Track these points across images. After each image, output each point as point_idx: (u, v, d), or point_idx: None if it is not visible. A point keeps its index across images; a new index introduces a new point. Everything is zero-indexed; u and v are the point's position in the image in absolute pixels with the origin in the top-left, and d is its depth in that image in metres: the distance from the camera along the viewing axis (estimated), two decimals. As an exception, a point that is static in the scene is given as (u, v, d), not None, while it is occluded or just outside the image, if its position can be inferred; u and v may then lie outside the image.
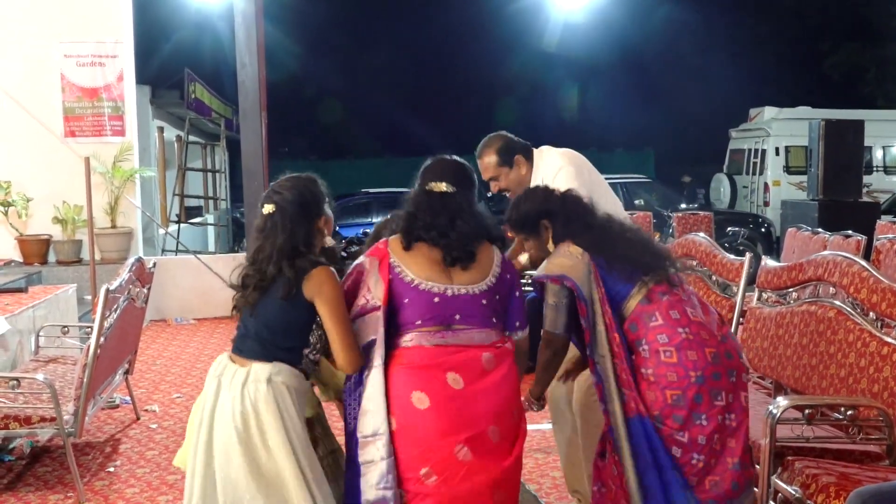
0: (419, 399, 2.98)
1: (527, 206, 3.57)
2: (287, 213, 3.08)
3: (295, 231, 3.07)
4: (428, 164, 3.36)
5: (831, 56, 27.27)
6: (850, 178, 11.60)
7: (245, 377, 3.01)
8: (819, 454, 3.72)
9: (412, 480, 2.97)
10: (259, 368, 3.02)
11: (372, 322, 3.06)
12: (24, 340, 6.07)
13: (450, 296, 3.08)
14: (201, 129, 17.95)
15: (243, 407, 2.98)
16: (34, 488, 4.83)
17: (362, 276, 3.13)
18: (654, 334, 3.27)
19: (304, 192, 3.16)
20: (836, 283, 4.33)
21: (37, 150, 9.52)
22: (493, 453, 3.01)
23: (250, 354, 3.06)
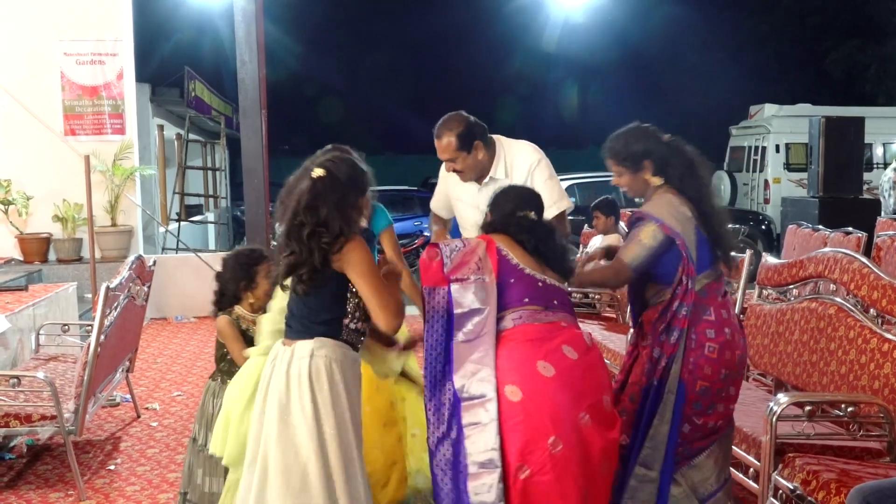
0: (545, 367, 3.08)
1: (634, 146, 3.64)
2: (338, 180, 3.07)
3: (343, 199, 3.05)
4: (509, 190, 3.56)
5: (832, 53, 27.23)
6: (850, 175, 11.60)
7: (290, 356, 3.05)
8: (820, 451, 3.72)
9: (539, 451, 3.01)
10: (301, 346, 3.06)
11: (481, 289, 3.17)
12: (25, 339, 6.07)
13: (548, 283, 3.29)
14: (201, 127, 17.95)
15: (288, 383, 3.02)
16: (35, 486, 4.83)
17: (470, 251, 3.24)
18: (704, 327, 3.52)
19: (356, 165, 3.19)
20: (836, 279, 4.33)
21: (37, 149, 9.52)
22: (605, 422, 3.15)
23: (293, 334, 3.11)
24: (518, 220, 3.38)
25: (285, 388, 3.03)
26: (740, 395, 4.59)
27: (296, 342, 3.08)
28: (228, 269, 3.93)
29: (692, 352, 3.50)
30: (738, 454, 4.01)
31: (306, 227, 3.02)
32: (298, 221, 3.04)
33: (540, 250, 3.33)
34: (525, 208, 3.42)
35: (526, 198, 3.49)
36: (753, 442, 3.88)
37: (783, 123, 16.25)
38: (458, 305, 3.15)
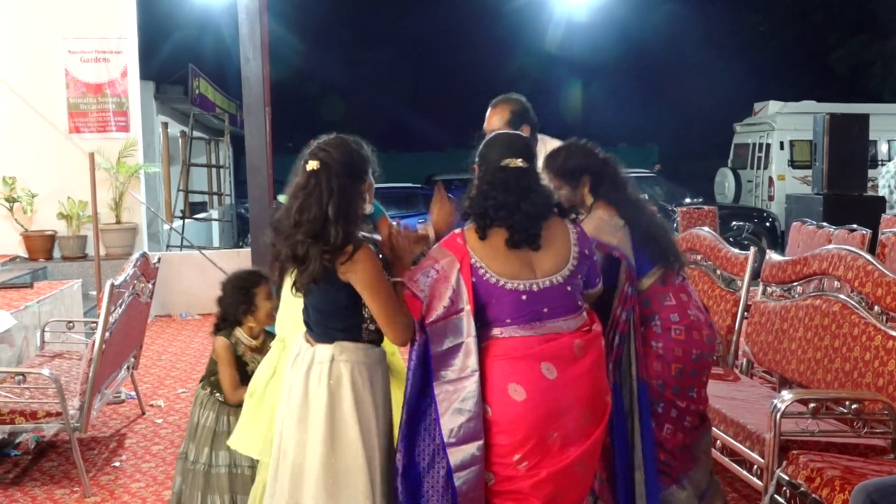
0: (515, 391, 2.98)
1: (572, 161, 3.66)
2: (333, 171, 2.92)
3: (341, 193, 2.90)
4: (496, 138, 3.24)
5: (837, 50, 27.16)
6: (854, 173, 11.56)
7: (311, 358, 3.02)
8: (824, 448, 3.72)
9: (503, 465, 3.01)
10: (322, 350, 3.01)
11: (457, 325, 3.00)
12: (30, 336, 6.08)
13: (536, 291, 3.04)
14: (205, 124, 17.94)
15: (307, 387, 2.99)
16: (40, 483, 4.85)
17: (442, 277, 3.01)
18: (667, 313, 3.57)
19: (352, 151, 3.00)
20: (840, 276, 4.33)
21: (42, 146, 9.53)
22: (580, 434, 3.04)
23: (314, 335, 3.07)
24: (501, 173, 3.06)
25: (303, 392, 3.00)
26: (745, 392, 4.62)
27: (317, 345, 3.04)
28: (228, 293, 3.87)
29: (660, 337, 3.55)
30: (742, 451, 4.01)
31: (301, 230, 2.90)
32: (294, 222, 2.92)
33: (512, 221, 3.02)
34: (510, 155, 3.10)
35: (513, 145, 3.18)
36: (758, 439, 3.88)
37: (787, 120, 16.22)
38: (437, 345, 3.01)
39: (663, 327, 3.56)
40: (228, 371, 3.78)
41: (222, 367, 3.80)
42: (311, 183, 2.93)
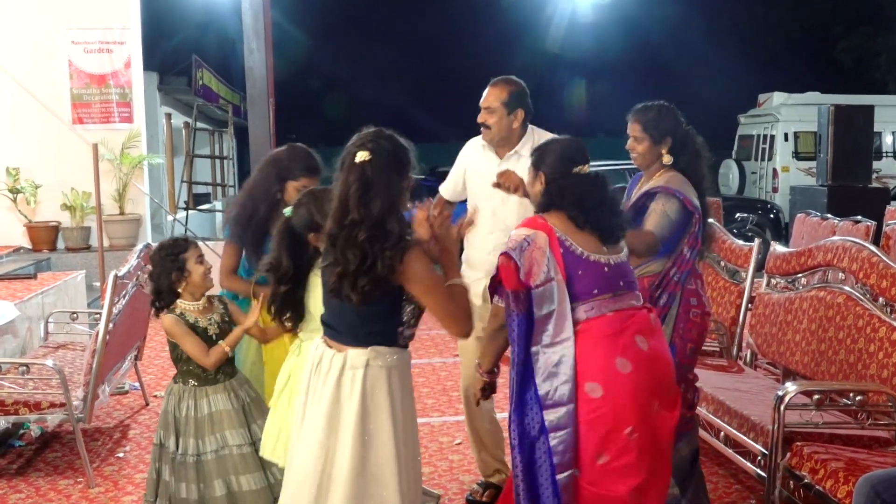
0: (622, 364, 3.10)
1: (664, 122, 3.91)
2: (383, 163, 2.80)
3: (393, 186, 2.79)
4: (565, 144, 3.40)
5: (842, 41, 27.09)
6: (859, 164, 11.55)
7: (342, 364, 2.87)
8: (828, 439, 3.72)
9: (618, 441, 3.06)
10: (355, 355, 2.86)
11: (551, 292, 3.10)
12: (34, 327, 6.09)
13: (613, 264, 3.22)
14: (209, 115, 17.94)
15: (338, 393, 2.86)
16: (44, 473, 4.86)
17: (535, 247, 3.13)
18: (688, 295, 3.76)
19: (398, 144, 2.90)
20: (845, 268, 4.32)
21: (45, 137, 9.53)
22: (670, 403, 3.21)
23: (343, 339, 2.90)
24: (573, 185, 3.24)
25: (333, 398, 2.86)
26: (748, 384, 4.62)
27: (347, 349, 2.88)
28: (156, 264, 3.69)
29: (680, 316, 3.73)
30: (746, 442, 4.01)
31: (361, 228, 2.74)
32: (350, 221, 2.76)
33: (592, 224, 3.20)
34: (580, 162, 3.30)
35: (576, 149, 3.36)
36: (761, 430, 3.87)
37: (792, 112, 16.18)
38: (538, 310, 3.12)
39: (684, 308, 3.73)
40: (190, 340, 3.60)
41: (183, 341, 3.61)
42: (365, 174, 2.77)
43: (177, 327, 3.63)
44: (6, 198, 9.36)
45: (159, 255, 3.68)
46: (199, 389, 3.68)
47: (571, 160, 3.30)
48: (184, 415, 3.65)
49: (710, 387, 4.46)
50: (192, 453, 3.62)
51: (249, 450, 3.62)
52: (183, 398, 3.68)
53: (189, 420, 3.64)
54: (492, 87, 4.18)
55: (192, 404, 3.66)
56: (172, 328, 3.64)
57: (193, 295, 3.70)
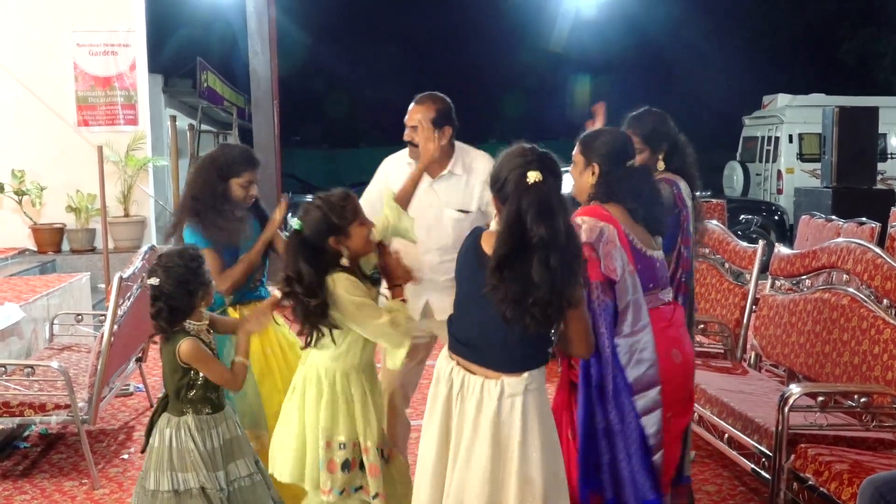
0: (675, 355, 3.30)
1: (662, 127, 3.95)
2: (553, 181, 2.81)
3: (563, 204, 2.77)
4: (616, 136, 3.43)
5: (846, 42, 27.05)
6: (864, 166, 11.52)
7: (500, 392, 2.80)
8: (832, 441, 3.72)
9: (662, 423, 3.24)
10: (513, 383, 2.81)
11: (625, 285, 3.17)
12: (39, 328, 6.10)
13: (660, 260, 3.37)
14: (213, 117, 17.97)
15: (498, 423, 2.80)
16: (49, 475, 4.87)
17: (609, 240, 3.18)
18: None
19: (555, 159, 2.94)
20: (849, 270, 4.32)
21: (50, 139, 9.55)
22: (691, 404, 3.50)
23: (497, 365, 2.83)
24: (628, 177, 3.27)
25: (494, 430, 2.80)
26: (753, 386, 4.62)
27: (502, 376, 2.81)
28: (174, 279, 3.22)
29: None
30: (750, 444, 4.01)
31: (554, 250, 2.67)
32: (538, 240, 2.68)
33: (646, 217, 3.28)
34: (631, 155, 3.35)
35: (627, 142, 3.40)
36: (766, 432, 3.87)
37: (796, 113, 16.16)
38: (621, 301, 3.18)
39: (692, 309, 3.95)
40: (214, 364, 3.27)
41: (208, 367, 3.25)
42: (542, 193, 2.72)
43: (200, 352, 3.23)
44: (11, 200, 9.38)
45: (180, 268, 3.23)
46: (214, 418, 3.31)
47: (624, 153, 3.33)
48: (208, 447, 3.26)
49: (714, 388, 4.46)
50: (223, 486, 3.27)
51: (260, 478, 3.38)
52: (203, 429, 3.27)
53: (216, 451, 3.27)
54: (417, 104, 3.99)
55: (214, 434, 3.29)
56: (196, 354, 3.23)
57: (202, 313, 3.34)
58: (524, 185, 2.72)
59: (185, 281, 3.22)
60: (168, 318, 3.23)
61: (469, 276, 2.89)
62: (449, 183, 3.95)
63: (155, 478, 3.22)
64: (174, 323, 3.25)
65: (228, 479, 3.28)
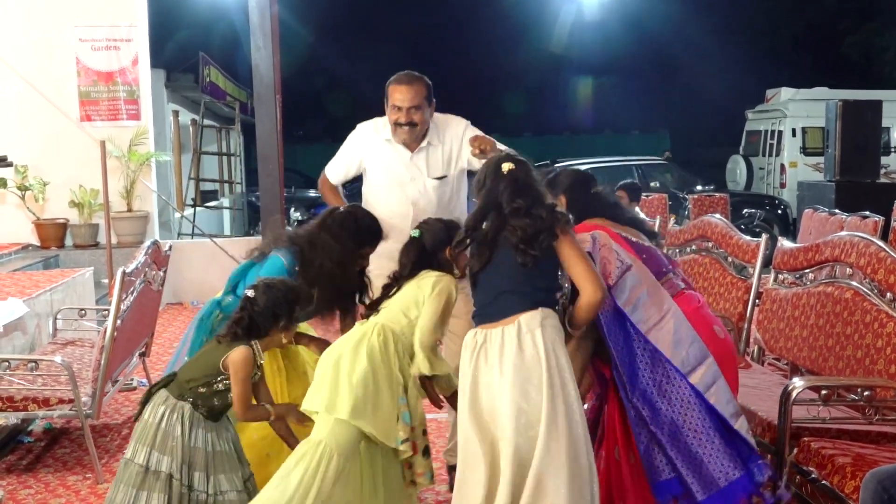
0: (719, 331, 3.45)
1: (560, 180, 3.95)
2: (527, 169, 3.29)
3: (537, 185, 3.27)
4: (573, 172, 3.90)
5: (850, 36, 27.00)
6: (867, 159, 11.53)
7: (516, 330, 3.06)
8: (835, 435, 3.71)
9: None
10: (528, 318, 3.07)
11: (632, 280, 3.30)
12: (42, 323, 6.11)
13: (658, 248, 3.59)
14: (216, 112, 17.96)
15: (523, 357, 3.03)
16: (53, 469, 4.88)
17: (603, 245, 3.34)
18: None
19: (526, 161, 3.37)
20: (852, 264, 4.31)
21: (53, 135, 9.56)
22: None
23: (511, 310, 3.11)
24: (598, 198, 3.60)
25: (518, 364, 3.04)
26: (756, 379, 4.61)
27: (517, 316, 3.09)
28: (269, 298, 3.33)
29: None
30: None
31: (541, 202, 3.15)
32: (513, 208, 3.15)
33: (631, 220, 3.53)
34: (594, 185, 3.66)
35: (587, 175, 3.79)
36: (769, 425, 3.87)
37: (800, 107, 16.16)
38: (627, 304, 3.27)
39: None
40: (244, 388, 3.27)
41: (240, 385, 3.24)
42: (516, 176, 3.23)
43: (245, 368, 3.25)
44: (15, 195, 9.39)
45: (279, 293, 3.35)
46: (207, 423, 3.32)
47: (586, 181, 3.67)
48: (191, 444, 3.25)
49: (718, 382, 4.45)
50: (201, 488, 3.24)
51: (246, 497, 3.31)
52: (195, 424, 3.27)
53: (197, 451, 3.26)
54: (409, 85, 4.11)
55: (201, 436, 3.28)
56: (242, 364, 3.25)
57: (269, 347, 3.44)
58: (500, 174, 3.22)
59: (277, 305, 3.34)
60: (246, 327, 3.31)
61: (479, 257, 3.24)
62: (428, 153, 4.19)
63: (133, 448, 3.28)
64: (248, 335, 3.31)
65: (216, 489, 3.27)
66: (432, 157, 4.20)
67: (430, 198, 4.21)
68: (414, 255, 3.47)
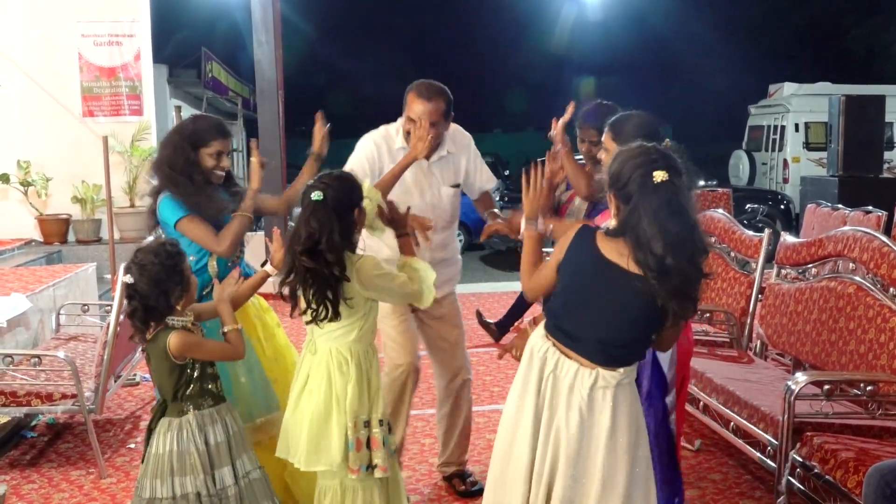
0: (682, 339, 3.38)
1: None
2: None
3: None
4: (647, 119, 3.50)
5: (853, 31, 26.95)
6: (870, 154, 11.51)
7: (593, 381, 2.81)
8: (838, 430, 3.71)
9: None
10: (608, 376, 2.81)
11: None
12: (45, 319, 6.12)
13: None
14: (218, 108, 17.98)
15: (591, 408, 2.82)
16: (56, 464, 4.89)
17: None
18: None
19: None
20: (856, 258, 4.31)
21: (55, 130, 9.56)
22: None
23: (594, 358, 2.82)
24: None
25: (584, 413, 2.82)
26: (758, 374, 4.61)
27: (597, 368, 2.81)
28: (148, 277, 3.07)
29: None
30: (756, 433, 4.00)
31: (692, 240, 2.75)
32: (683, 225, 2.72)
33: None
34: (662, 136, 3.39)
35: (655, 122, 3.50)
36: (771, 421, 3.87)
37: (803, 102, 16.12)
38: None
39: None
40: (210, 344, 3.19)
41: (204, 349, 3.15)
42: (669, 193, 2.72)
43: (190, 340, 3.10)
44: (17, 191, 9.39)
45: (155, 266, 3.09)
46: (216, 410, 3.20)
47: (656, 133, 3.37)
48: (211, 444, 3.15)
49: (720, 377, 4.46)
50: (230, 483, 3.17)
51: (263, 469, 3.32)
52: (205, 425, 3.16)
53: (220, 447, 3.16)
54: (429, 101, 3.99)
55: (219, 429, 3.18)
56: (187, 344, 3.10)
57: (183, 310, 3.18)
58: (650, 186, 2.69)
59: (160, 280, 3.07)
60: (143, 318, 3.10)
61: (585, 279, 2.86)
62: (444, 162, 4.16)
63: (151, 486, 3.11)
64: (149, 323, 3.11)
65: (240, 473, 3.19)
66: (447, 166, 4.18)
67: (445, 206, 4.19)
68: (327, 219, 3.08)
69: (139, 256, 3.12)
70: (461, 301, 4.51)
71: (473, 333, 7.56)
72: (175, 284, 3.10)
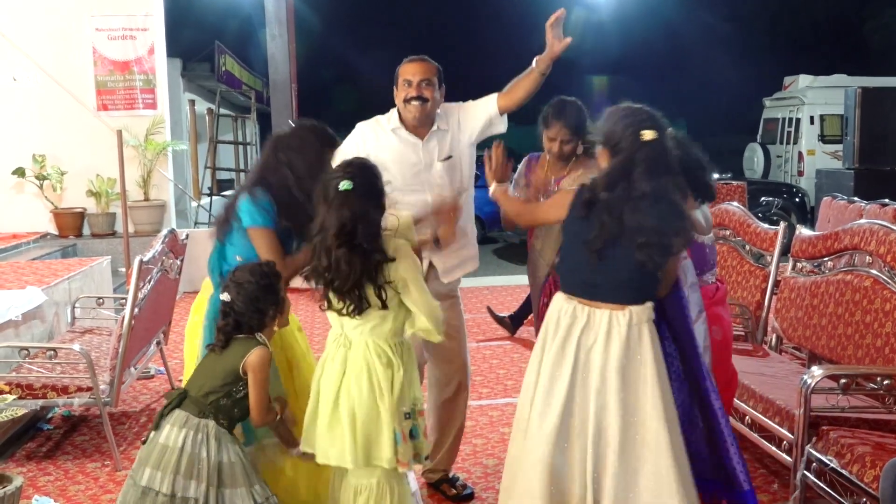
0: (716, 331, 3.58)
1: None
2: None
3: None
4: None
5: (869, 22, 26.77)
6: (886, 147, 11.43)
7: (629, 320, 3.02)
8: (854, 424, 3.69)
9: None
10: (640, 311, 3.04)
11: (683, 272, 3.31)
12: (61, 312, 6.15)
13: (709, 245, 3.75)
14: (232, 101, 18.00)
15: (628, 348, 3.00)
16: (72, 457, 4.91)
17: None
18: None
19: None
20: (872, 251, 4.28)
21: (70, 124, 9.60)
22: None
23: (622, 298, 3.04)
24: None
25: (624, 354, 3.00)
26: (774, 368, 4.59)
27: (627, 307, 3.03)
28: (245, 296, 3.13)
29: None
30: (772, 427, 3.99)
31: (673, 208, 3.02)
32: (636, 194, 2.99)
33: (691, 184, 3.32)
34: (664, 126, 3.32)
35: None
36: (787, 415, 3.85)
37: (818, 94, 16.02)
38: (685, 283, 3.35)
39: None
40: (264, 390, 3.11)
41: (257, 385, 3.09)
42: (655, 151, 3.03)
43: (265, 369, 3.09)
44: (33, 184, 9.44)
45: (251, 286, 3.13)
46: (232, 435, 3.15)
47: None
48: (228, 461, 3.08)
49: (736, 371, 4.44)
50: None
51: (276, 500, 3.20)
52: (222, 440, 3.10)
53: (235, 466, 3.09)
54: (421, 62, 4.07)
55: (235, 449, 3.13)
56: (263, 367, 3.09)
57: (273, 331, 3.22)
58: (639, 142, 2.99)
59: (256, 298, 3.13)
60: (233, 333, 3.14)
61: (580, 227, 3.08)
62: (437, 138, 4.13)
63: (150, 475, 3.03)
64: (234, 338, 3.15)
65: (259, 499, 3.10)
66: (443, 142, 4.12)
67: (444, 181, 4.12)
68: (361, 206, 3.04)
69: (236, 275, 3.19)
70: (474, 294, 4.49)
71: (487, 327, 7.57)
72: (270, 304, 3.16)
